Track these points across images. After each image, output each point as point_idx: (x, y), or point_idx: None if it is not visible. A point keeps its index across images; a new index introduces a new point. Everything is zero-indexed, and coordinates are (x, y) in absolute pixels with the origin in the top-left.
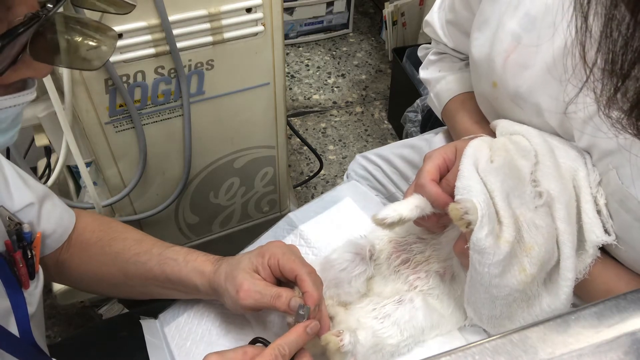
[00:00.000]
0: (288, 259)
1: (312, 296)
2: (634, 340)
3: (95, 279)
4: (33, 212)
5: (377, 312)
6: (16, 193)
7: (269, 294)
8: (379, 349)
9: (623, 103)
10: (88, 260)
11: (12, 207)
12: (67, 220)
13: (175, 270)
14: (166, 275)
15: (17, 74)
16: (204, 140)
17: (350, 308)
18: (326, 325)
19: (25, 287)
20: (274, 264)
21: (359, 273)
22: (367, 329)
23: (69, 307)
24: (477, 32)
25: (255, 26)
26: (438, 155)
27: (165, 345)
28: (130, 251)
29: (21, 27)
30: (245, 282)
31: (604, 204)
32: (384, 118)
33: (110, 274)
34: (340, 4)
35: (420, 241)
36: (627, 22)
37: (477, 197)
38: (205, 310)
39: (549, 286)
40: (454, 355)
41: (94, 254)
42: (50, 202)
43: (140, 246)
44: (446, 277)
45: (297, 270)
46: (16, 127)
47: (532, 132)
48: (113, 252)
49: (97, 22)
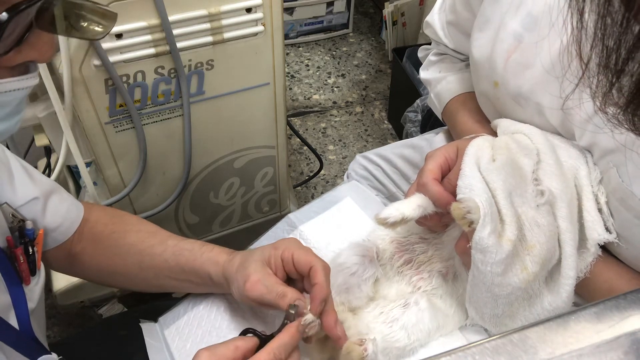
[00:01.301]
0: (304, 252)
1: (322, 288)
2: (634, 340)
3: (110, 271)
4: (37, 207)
5: (385, 317)
6: (20, 188)
7: (275, 290)
8: (387, 352)
9: (618, 98)
10: (102, 253)
11: (15, 202)
12: (75, 214)
13: (190, 260)
14: (181, 266)
15: (21, 56)
16: (204, 140)
17: (357, 313)
18: (341, 331)
19: (26, 283)
20: (287, 257)
21: (369, 276)
22: (377, 334)
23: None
24: (479, 32)
25: (255, 26)
26: (440, 155)
27: (165, 347)
28: (145, 243)
29: (25, 3)
30: (254, 274)
31: (604, 202)
32: (384, 118)
33: (124, 266)
34: (340, 4)
35: (423, 241)
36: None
37: (479, 196)
38: (206, 313)
39: (550, 285)
40: (454, 355)
41: (107, 247)
42: (57, 195)
43: (154, 238)
44: (448, 276)
45: (313, 262)
46: (19, 114)
47: (534, 130)
48: (127, 244)
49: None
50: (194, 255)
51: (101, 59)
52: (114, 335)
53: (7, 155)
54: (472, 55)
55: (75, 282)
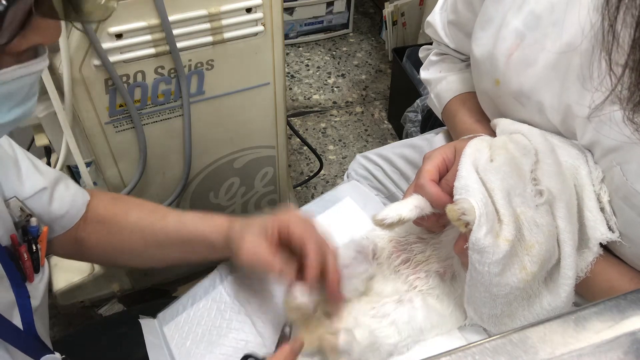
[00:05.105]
0: (300, 227)
1: (311, 269)
2: (633, 340)
3: (116, 252)
4: (45, 197)
5: (375, 311)
6: (28, 180)
7: (264, 259)
8: (376, 348)
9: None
10: (106, 235)
11: (23, 194)
12: (81, 201)
13: (192, 230)
14: (184, 238)
15: (27, 41)
16: (204, 140)
17: (348, 306)
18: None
19: (30, 281)
20: (284, 229)
21: (361, 272)
22: (365, 327)
23: (69, 307)
24: (480, 31)
25: (255, 26)
26: (437, 155)
27: (164, 344)
28: (147, 219)
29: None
30: (249, 242)
31: (607, 201)
32: (384, 118)
33: (129, 245)
34: (340, 4)
35: (421, 241)
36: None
37: (474, 197)
38: (206, 311)
39: (549, 284)
40: (454, 355)
41: (111, 228)
42: (63, 184)
43: (155, 214)
44: (446, 276)
45: (306, 240)
46: (33, 98)
47: (533, 130)
48: (130, 222)
49: None
50: (195, 225)
51: (101, 59)
52: (114, 333)
53: (14, 148)
54: (474, 54)
55: (75, 282)
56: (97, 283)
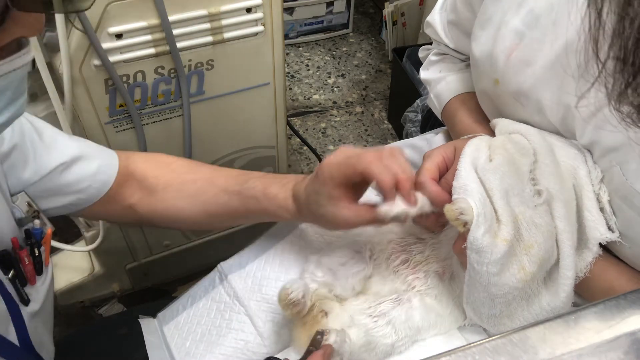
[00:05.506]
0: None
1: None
2: (633, 340)
3: (177, 220)
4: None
5: (372, 310)
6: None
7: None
8: (372, 347)
9: (634, 98)
10: (161, 204)
11: (49, 164)
12: (106, 173)
13: (258, 208)
14: (250, 211)
15: (8, 34)
16: (204, 140)
17: (345, 304)
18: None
19: (32, 283)
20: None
21: (357, 271)
22: (360, 326)
23: (69, 307)
24: (480, 30)
25: (255, 26)
26: (437, 154)
27: (164, 344)
28: (207, 193)
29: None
30: (339, 215)
31: (607, 201)
32: (384, 118)
33: (191, 215)
34: (340, 4)
35: (420, 241)
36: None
37: (472, 197)
38: (205, 311)
39: (548, 284)
40: (454, 355)
41: (167, 199)
42: (84, 160)
43: (214, 186)
44: (445, 276)
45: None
46: (22, 96)
47: (531, 130)
48: (188, 195)
49: None
50: (261, 205)
51: (101, 59)
52: (114, 333)
53: (37, 127)
54: (473, 53)
55: (75, 282)
56: (97, 283)
